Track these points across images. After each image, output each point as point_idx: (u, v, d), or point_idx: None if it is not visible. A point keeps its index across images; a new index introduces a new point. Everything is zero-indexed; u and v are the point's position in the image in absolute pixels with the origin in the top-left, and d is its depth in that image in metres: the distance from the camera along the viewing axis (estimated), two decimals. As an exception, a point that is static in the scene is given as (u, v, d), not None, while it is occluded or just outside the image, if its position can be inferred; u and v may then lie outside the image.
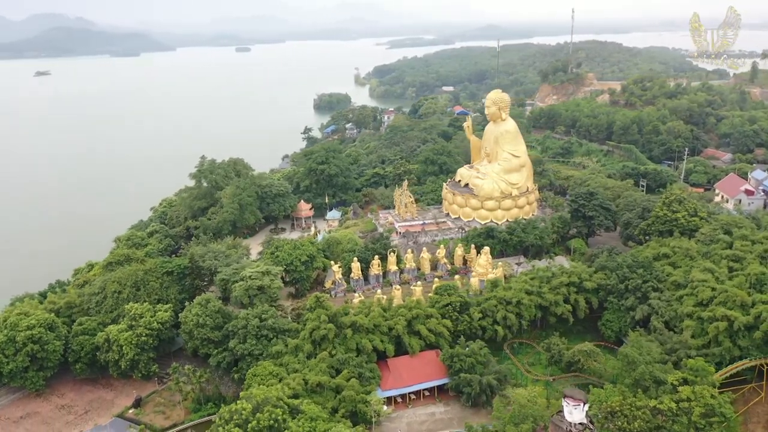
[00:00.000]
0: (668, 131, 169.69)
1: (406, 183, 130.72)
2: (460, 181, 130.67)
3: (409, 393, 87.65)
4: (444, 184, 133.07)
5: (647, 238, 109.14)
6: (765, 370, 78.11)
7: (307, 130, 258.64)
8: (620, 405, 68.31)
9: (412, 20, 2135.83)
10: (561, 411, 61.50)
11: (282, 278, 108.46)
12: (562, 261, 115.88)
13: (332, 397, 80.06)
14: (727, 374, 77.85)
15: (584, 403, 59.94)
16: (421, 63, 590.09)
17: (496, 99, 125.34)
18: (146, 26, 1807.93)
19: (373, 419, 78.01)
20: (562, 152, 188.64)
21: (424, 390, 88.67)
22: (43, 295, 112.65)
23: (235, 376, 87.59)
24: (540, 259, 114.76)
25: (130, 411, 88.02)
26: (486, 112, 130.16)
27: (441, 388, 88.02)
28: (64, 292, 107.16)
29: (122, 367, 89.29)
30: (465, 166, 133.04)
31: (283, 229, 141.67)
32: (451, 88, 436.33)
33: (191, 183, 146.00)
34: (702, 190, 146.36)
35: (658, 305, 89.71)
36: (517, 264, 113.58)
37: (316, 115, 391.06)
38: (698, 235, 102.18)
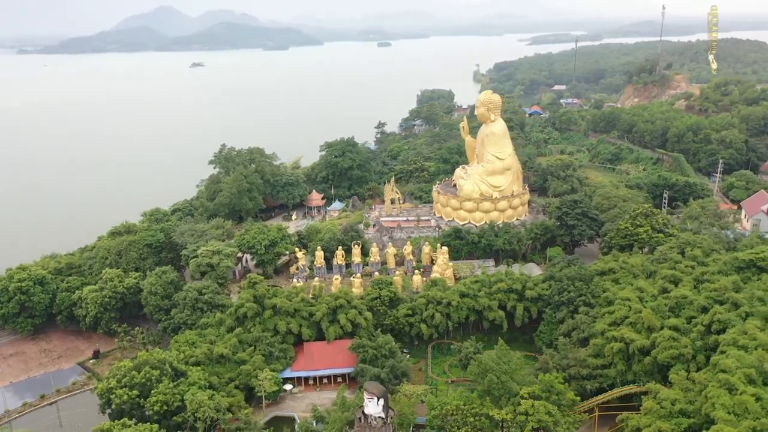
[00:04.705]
0: (720, 141, 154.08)
1: (393, 180, 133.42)
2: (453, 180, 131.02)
3: (319, 376, 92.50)
4: (436, 183, 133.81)
5: (609, 250, 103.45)
6: (653, 398, 72.90)
7: (380, 125, 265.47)
8: (455, 410, 68.58)
9: (564, 15, 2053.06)
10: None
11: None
12: (534, 269, 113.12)
13: (233, 369, 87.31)
14: (604, 400, 74.12)
15: (379, 398, 61.78)
16: (543, 60, 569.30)
17: (484, 100, 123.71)
18: (301, 21, 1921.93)
19: (261, 394, 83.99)
20: (612, 158, 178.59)
21: (338, 376, 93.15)
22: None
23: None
24: (509, 265, 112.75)
25: (90, 361, 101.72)
26: (476, 113, 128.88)
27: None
28: (72, 255, 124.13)
29: (87, 322, 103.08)
30: (460, 166, 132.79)
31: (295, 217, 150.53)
32: (562, 87, 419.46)
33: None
34: (737, 207, 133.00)
35: (581, 320, 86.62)
36: (479, 268, 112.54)
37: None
38: (656, 252, 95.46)
